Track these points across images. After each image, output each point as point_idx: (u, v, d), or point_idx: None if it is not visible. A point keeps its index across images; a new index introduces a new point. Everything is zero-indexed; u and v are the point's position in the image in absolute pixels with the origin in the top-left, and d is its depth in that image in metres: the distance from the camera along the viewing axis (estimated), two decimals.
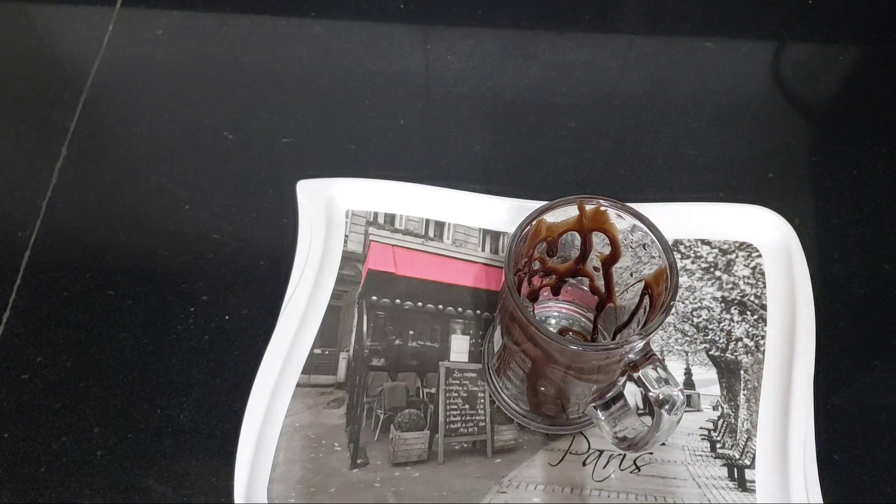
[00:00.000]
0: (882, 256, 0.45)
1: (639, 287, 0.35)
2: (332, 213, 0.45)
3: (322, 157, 0.48)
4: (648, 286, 0.34)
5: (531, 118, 0.51)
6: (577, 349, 0.32)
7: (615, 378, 0.34)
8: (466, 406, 0.40)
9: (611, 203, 0.34)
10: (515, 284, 0.32)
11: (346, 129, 0.50)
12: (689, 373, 0.41)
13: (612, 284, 0.37)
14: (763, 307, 0.43)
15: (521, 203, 0.45)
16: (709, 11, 0.56)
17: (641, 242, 0.34)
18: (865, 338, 0.43)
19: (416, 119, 0.50)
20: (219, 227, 0.45)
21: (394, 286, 0.44)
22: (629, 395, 0.37)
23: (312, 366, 0.41)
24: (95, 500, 0.37)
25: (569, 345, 0.31)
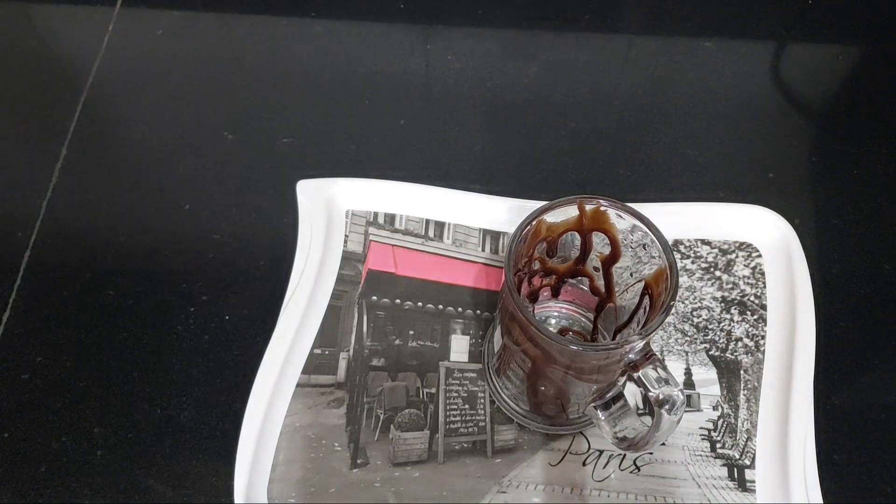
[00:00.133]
0: (882, 256, 0.45)
1: (639, 287, 0.35)
2: (332, 213, 0.45)
3: (322, 157, 0.48)
4: (648, 286, 0.34)
5: (531, 118, 0.51)
6: (577, 349, 0.32)
7: (615, 378, 0.34)
8: (466, 406, 0.40)
9: (611, 203, 0.34)
10: (515, 284, 0.32)
11: (346, 129, 0.50)
12: (689, 373, 0.41)
13: (612, 284, 0.37)
14: (763, 307, 0.43)
15: (521, 203, 0.45)
16: (709, 11, 0.56)
17: (641, 242, 0.34)
18: (865, 338, 0.43)
19: (416, 119, 0.50)
20: (219, 227, 0.45)
21: (394, 286, 0.44)
22: (629, 395, 0.37)
23: (312, 366, 0.41)
24: (95, 500, 0.37)
25: (569, 345, 0.31)
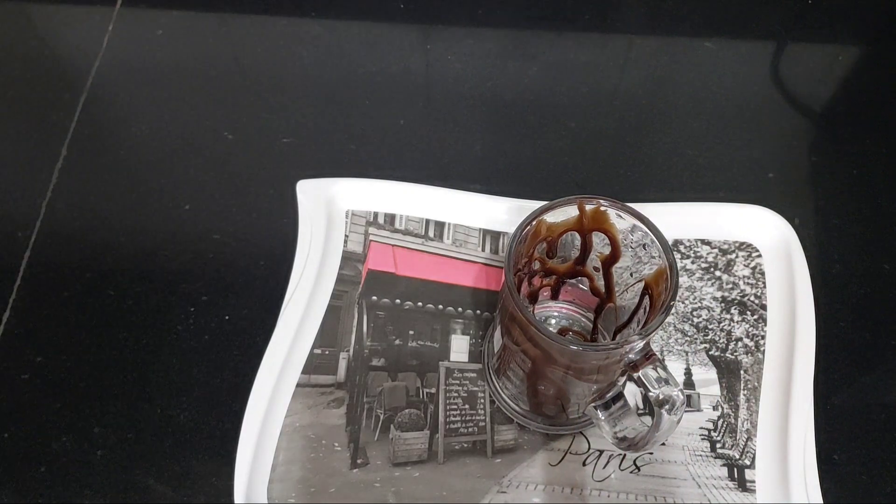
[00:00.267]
0: (882, 256, 0.45)
1: (639, 287, 0.35)
2: (332, 213, 0.45)
3: (322, 157, 0.48)
4: (648, 286, 0.34)
5: (531, 118, 0.51)
6: (577, 349, 0.32)
7: (615, 378, 0.34)
8: (466, 406, 0.40)
9: (611, 203, 0.34)
10: (515, 284, 0.32)
11: (346, 129, 0.50)
12: (689, 373, 0.41)
13: (612, 285, 0.37)
14: (763, 307, 0.43)
15: (521, 203, 0.45)
16: (709, 11, 0.56)
17: (641, 242, 0.34)
18: (865, 338, 0.43)
19: (416, 119, 0.50)
20: (219, 228, 0.45)
21: (394, 286, 0.44)
22: (629, 395, 0.37)
23: (312, 366, 0.41)
24: (95, 500, 0.37)
25: (569, 345, 0.31)
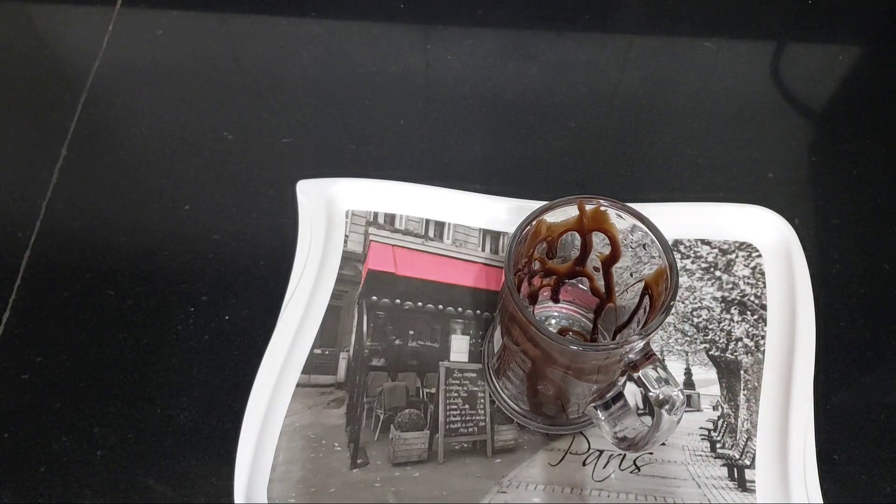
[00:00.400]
0: (882, 256, 0.45)
1: (639, 287, 0.35)
2: (332, 213, 0.45)
3: (322, 157, 0.48)
4: (648, 286, 0.34)
5: (531, 118, 0.51)
6: (577, 349, 0.32)
7: (615, 378, 0.34)
8: (466, 406, 0.40)
9: (611, 203, 0.34)
10: (515, 285, 0.32)
11: (346, 129, 0.50)
12: (689, 373, 0.41)
13: (612, 285, 0.37)
14: (763, 307, 0.43)
15: (521, 203, 0.45)
16: (709, 11, 0.56)
17: (641, 242, 0.34)
18: (865, 338, 0.43)
19: (416, 119, 0.50)
20: (219, 228, 0.45)
21: (394, 286, 0.44)
22: (629, 395, 0.37)
23: (312, 366, 0.41)
24: (95, 500, 0.37)
25: (569, 345, 0.31)
